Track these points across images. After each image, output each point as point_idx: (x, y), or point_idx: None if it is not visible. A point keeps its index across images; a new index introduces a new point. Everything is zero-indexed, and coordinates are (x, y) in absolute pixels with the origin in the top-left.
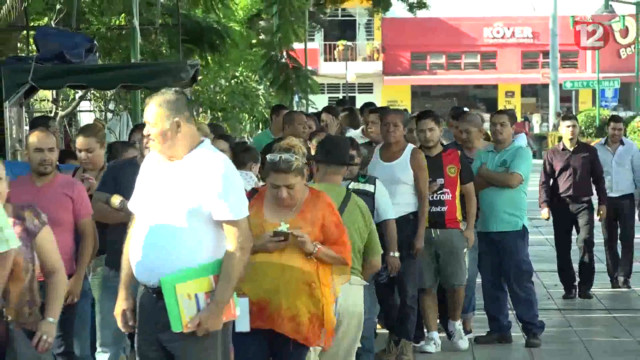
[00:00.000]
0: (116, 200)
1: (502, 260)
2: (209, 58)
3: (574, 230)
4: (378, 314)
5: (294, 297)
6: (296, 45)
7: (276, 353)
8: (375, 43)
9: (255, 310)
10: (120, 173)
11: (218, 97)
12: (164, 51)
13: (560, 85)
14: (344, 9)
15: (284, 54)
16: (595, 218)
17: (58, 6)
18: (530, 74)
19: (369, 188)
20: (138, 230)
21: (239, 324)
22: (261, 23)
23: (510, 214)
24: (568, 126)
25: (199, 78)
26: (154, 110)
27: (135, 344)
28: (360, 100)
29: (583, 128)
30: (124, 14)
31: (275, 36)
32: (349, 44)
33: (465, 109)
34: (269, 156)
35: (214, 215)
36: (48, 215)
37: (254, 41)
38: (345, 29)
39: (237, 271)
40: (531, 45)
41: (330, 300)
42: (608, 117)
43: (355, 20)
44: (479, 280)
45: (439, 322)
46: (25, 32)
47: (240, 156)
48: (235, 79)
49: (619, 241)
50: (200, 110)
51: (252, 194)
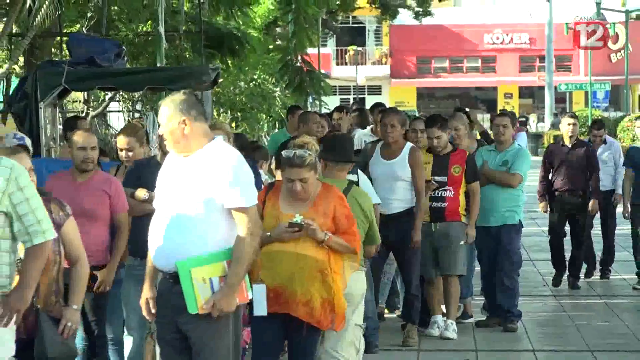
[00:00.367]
0: (141, 193)
1: (497, 250)
2: (229, 62)
3: (569, 225)
4: (386, 300)
5: (308, 284)
6: (310, 50)
7: (291, 335)
8: (383, 48)
9: (271, 296)
10: (143, 170)
11: (237, 99)
12: (187, 56)
13: (555, 87)
14: (354, 17)
15: (299, 58)
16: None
17: (89, 14)
18: (528, 77)
19: (352, 177)
20: (156, 220)
21: (256, 309)
22: (277, 30)
23: (509, 210)
24: (569, 124)
25: (220, 81)
26: (164, 112)
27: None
28: (370, 101)
29: None
30: (150, 21)
31: (290, 42)
32: (359, 49)
33: (466, 109)
34: (284, 152)
35: (225, 204)
36: (86, 208)
37: (270, 46)
38: (355, 35)
39: (248, 255)
40: (528, 50)
41: (341, 286)
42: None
43: (365, 27)
44: (477, 268)
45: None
46: (59, 38)
47: (249, 153)
48: (254, 82)
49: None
50: (221, 110)
51: (269, 188)
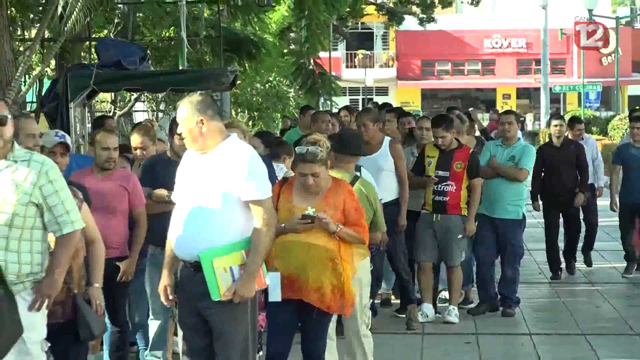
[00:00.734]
0: (163, 192)
1: (501, 243)
2: (247, 65)
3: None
4: (392, 286)
5: (319, 272)
6: (322, 54)
7: (304, 319)
8: (390, 52)
9: (285, 283)
10: (156, 166)
11: (254, 99)
12: (207, 59)
13: (550, 88)
14: (363, 23)
15: (311, 61)
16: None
17: (116, 20)
18: (524, 79)
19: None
20: (177, 213)
21: (272, 295)
22: (291, 35)
23: (514, 204)
24: (555, 125)
25: (238, 82)
26: (182, 112)
27: (176, 312)
28: (378, 102)
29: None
30: (173, 27)
31: (303, 46)
32: (368, 53)
33: (470, 109)
34: (297, 149)
35: (242, 197)
36: (107, 203)
37: (285, 50)
38: (364, 40)
39: (265, 244)
40: (525, 54)
41: (350, 274)
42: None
43: (373, 32)
44: None
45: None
46: (88, 43)
47: (275, 150)
48: (269, 83)
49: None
50: (239, 110)
51: (283, 182)
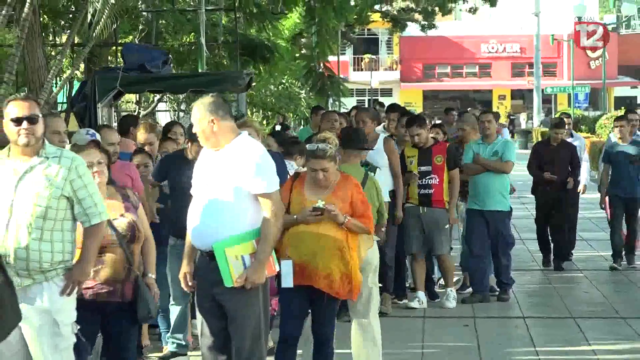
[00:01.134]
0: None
1: (492, 233)
2: (261, 68)
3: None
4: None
5: (328, 260)
6: (331, 58)
7: (314, 304)
8: (394, 56)
9: (297, 270)
10: (171, 163)
11: (268, 100)
12: (224, 63)
13: (543, 90)
14: (369, 29)
15: (321, 65)
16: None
17: (141, 27)
18: (518, 81)
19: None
20: (194, 206)
21: (284, 281)
22: (303, 40)
23: (502, 196)
24: (556, 133)
25: (253, 84)
26: (195, 114)
27: (195, 298)
28: (383, 102)
29: None
30: (193, 33)
31: (314, 51)
32: (373, 57)
33: (468, 109)
34: (308, 146)
35: (251, 190)
36: None
37: (297, 55)
38: (370, 45)
39: (273, 234)
40: (519, 58)
41: (357, 262)
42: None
43: (378, 38)
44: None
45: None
46: (114, 48)
47: (287, 148)
48: (282, 85)
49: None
50: (254, 110)
51: (295, 177)
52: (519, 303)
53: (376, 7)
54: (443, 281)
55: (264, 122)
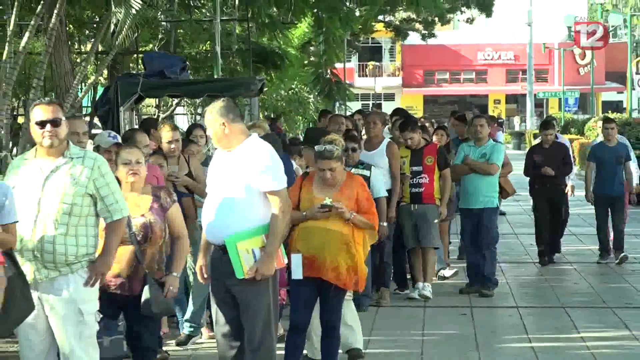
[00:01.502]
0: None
1: (478, 229)
2: (272, 74)
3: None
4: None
5: (335, 253)
6: (337, 65)
7: (322, 294)
8: (396, 63)
9: (306, 263)
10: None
11: (279, 104)
12: (238, 69)
13: (535, 95)
14: (373, 38)
15: (328, 71)
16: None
17: (160, 36)
18: (512, 87)
19: (366, 173)
20: (208, 203)
21: (294, 273)
22: (311, 48)
23: (488, 195)
24: (545, 134)
25: (265, 89)
26: (207, 117)
27: (210, 288)
28: (386, 106)
29: None
30: (209, 42)
31: (321, 58)
32: (377, 64)
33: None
34: (316, 147)
35: (261, 188)
36: None
37: (305, 62)
38: (374, 52)
39: (281, 229)
40: (513, 65)
41: (362, 255)
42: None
43: (381, 46)
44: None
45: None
46: (135, 55)
47: (287, 148)
48: (292, 90)
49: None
50: (266, 113)
51: (304, 176)
52: (513, 293)
53: (380, 18)
54: (446, 273)
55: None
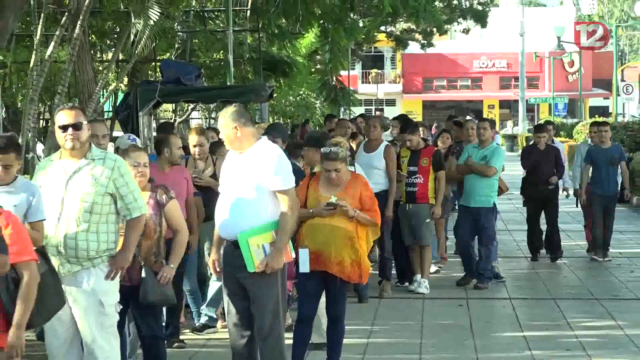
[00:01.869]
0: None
1: (476, 227)
2: (281, 81)
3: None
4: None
5: (340, 248)
6: (342, 73)
7: (328, 287)
8: (397, 71)
9: (313, 257)
10: None
11: (287, 109)
12: (249, 76)
13: (527, 100)
14: (375, 47)
15: (334, 78)
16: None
17: (177, 45)
18: (506, 93)
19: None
20: (221, 201)
21: (302, 267)
22: (318, 57)
23: (485, 195)
24: (538, 136)
25: (274, 95)
26: (220, 121)
27: (222, 280)
28: (387, 111)
29: None
30: (222, 51)
31: (327, 66)
32: (379, 71)
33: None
34: (322, 149)
35: (270, 187)
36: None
37: (312, 70)
38: (376, 61)
39: (290, 225)
40: (506, 73)
41: (366, 250)
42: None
43: (383, 55)
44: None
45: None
46: (153, 63)
47: (292, 151)
48: (300, 96)
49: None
50: (275, 117)
51: (311, 176)
52: (506, 286)
53: (382, 28)
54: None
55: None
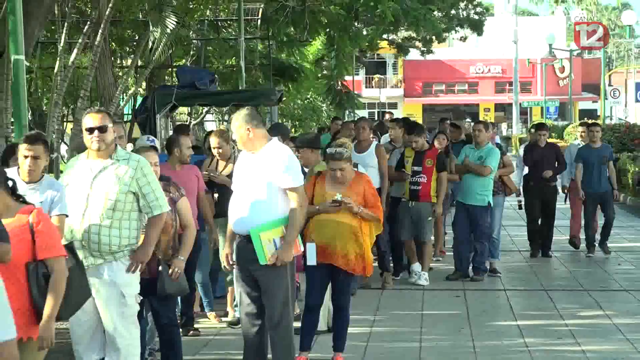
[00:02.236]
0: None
1: (472, 224)
2: (290, 86)
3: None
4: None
5: (345, 242)
6: (347, 78)
7: (334, 279)
8: (398, 76)
9: (319, 251)
10: None
11: (295, 112)
12: (260, 81)
13: (520, 104)
14: (378, 54)
15: (339, 83)
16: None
17: (192, 52)
18: (500, 97)
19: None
20: (234, 198)
21: (309, 260)
22: (324, 63)
23: (481, 194)
24: (540, 134)
25: (283, 99)
26: (233, 123)
27: (235, 273)
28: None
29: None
30: (234, 57)
31: (333, 72)
32: (382, 76)
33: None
34: (328, 150)
35: (281, 185)
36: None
37: (319, 75)
38: (379, 67)
39: (299, 221)
40: (501, 78)
41: (369, 244)
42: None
43: (385, 61)
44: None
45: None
46: (170, 69)
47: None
48: (307, 100)
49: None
50: (284, 120)
51: (318, 175)
52: (501, 278)
53: (384, 36)
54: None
55: (293, 130)
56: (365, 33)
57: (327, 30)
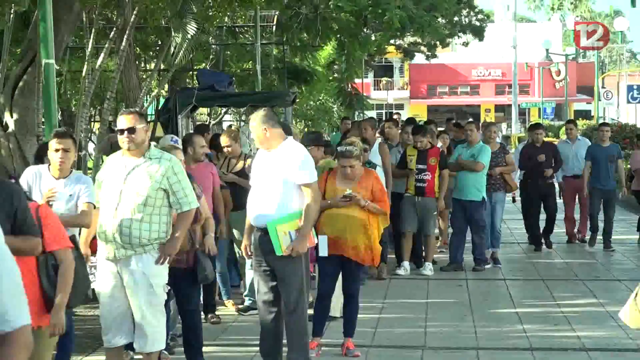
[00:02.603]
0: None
1: (468, 218)
2: (303, 88)
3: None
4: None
5: (355, 235)
6: (357, 80)
7: (344, 268)
8: (405, 79)
9: (331, 243)
10: None
11: (308, 112)
12: (275, 84)
13: (519, 105)
14: (386, 58)
15: (349, 85)
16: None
17: (211, 56)
18: (500, 98)
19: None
20: (253, 194)
21: (321, 252)
22: (335, 67)
23: (476, 189)
24: (536, 133)
25: (297, 100)
26: (251, 123)
27: (252, 263)
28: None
29: None
30: (251, 61)
31: (343, 75)
32: (389, 79)
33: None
34: (339, 148)
35: (296, 181)
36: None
37: (330, 78)
38: (386, 70)
39: (313, 215)
40: (501, 81)
41: (377, 236)
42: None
43: (392, 65)
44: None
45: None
46: (191, 72)
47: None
48: (319, 101)
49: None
50: (298, 120)
51: (329, 172)
52: (501, 268)
53: (391, 42)
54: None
55: (305, 129)
56: (373, 39)
57: (338, 36)
